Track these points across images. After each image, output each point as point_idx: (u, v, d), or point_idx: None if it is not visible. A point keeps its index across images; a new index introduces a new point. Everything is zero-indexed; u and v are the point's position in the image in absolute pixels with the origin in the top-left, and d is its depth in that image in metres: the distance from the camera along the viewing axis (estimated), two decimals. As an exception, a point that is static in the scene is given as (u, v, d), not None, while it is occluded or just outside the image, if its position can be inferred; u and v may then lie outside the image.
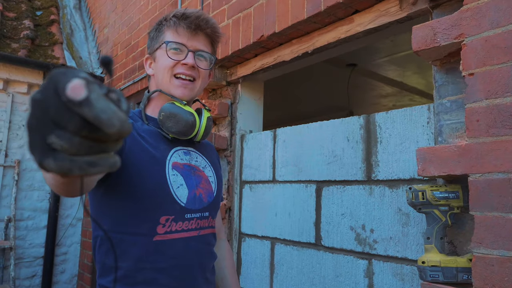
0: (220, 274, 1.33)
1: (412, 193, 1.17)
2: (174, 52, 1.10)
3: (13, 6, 4.69)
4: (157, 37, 1.15)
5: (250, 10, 2.12)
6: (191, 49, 1.10)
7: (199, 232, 1.10)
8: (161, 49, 1.12)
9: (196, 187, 1.11)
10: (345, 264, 1.57)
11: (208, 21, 1.12)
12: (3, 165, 3.89)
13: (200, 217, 1.10)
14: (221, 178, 1.28)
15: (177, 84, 1.09)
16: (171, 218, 1.03)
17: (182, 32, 1.10)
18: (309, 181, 1.79)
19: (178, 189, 1.06)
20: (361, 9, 1.63)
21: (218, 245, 1.36)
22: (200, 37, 1.13)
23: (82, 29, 5.10)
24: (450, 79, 1.26)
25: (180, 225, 1.05)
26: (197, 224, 1.09)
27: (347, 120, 1.66)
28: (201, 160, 1.19)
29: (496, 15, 1.07)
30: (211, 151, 1.30)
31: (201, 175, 1.16)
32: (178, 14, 1.11)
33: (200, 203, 1.11)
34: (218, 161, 1.33)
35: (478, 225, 1.04)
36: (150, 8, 3.40)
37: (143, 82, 3.31)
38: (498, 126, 1.03)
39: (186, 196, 1.07)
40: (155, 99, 1.16)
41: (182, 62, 1.09)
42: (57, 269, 4.14)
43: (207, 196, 1.14)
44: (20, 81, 3.98)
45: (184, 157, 1.13)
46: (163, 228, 1.02)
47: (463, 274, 1.09)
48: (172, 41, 1.09)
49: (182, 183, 1.08)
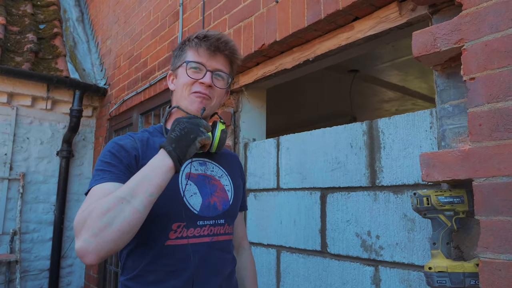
0: (240, 283, 1.36)
1: (416, 198, 1.16)
2: (194, 71, 1.18)
3: (17, 20, 4.74)
4: (180, 55, 1.23)
5: (251, 20, 2.14)
6: (209, 68, 1.18)
7: (212, 238, 1.14)
8: (182, 67, 1.20)
9: (210, 195, 1.17)
10: (352, 271, 1.57)
11: (227, 43, 1.20)
12: (8, 178, 3.91)
13: (213, 224, 1.15)
14: (241, 187, 1.33)
15: (193, 100, 1.17)
16: (183, 225, 1.09)
17: (202, 52, 1.18)
18: (314, 188, 1.79)
19: (191, 198, 1.12)
20: (361, 16, 1.64)
21: (241, 255, 1.41)
22: (219, 58, 1.20)
23: (85, 41, 5.15)
24: (451, 83, 1.26)
25: (192, 231, 1.10)
26: (210, 230, 1.14)
27: (350, 127, 1.66)
28: (217, 170, 1.25)
29: (496, 19, 1.07)
30: (231, 161, 1.36)
31: (216, 184, 1.21)
32: (200, 36, 1.19)
33: (215, 210, 1.17)
34: (239, 170, 1.39)
35: (484, 229, 1.03)
36: (152, 19, 3.43)
37: (146, 93, 3.33)
38: (500, 130, 1.03)
39: (199, 204, 1.13)
40: (175, 114, 1.24)
41: (200, 80, 1.17)
42: (63, 281, 4.14)
43: (222, 204, 1.19)
44: (24, 94, 4.02)
45: (199, 168, 1.20)
46: (175, 234, 1.08)
47: (470, 279, 1.08)
48: (192, 60, 1.18)
49: (196, 192, 1.14)
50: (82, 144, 4.46)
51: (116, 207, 0.87)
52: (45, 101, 4.17)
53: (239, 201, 1.29)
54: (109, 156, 1.05)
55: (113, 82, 4.15)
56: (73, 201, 4.30)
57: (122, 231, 0.87)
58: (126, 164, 1.05)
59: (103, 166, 1.03)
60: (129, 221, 0.88)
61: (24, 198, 3.97)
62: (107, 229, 0.86)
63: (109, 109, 4.13)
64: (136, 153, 1.09)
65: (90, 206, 0.90)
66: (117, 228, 0.87)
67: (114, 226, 0.86)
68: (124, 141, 1.10)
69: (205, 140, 1.03)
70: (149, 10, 3.51)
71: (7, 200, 3.89)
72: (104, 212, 0.87)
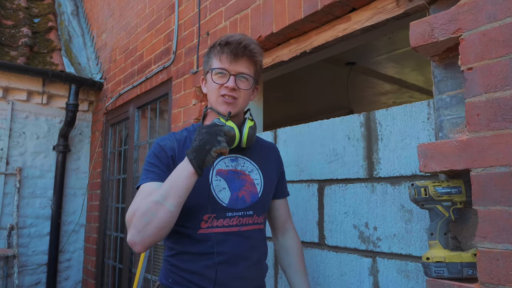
0: (287, 259, 1.49)
1: (414, 189, 1.16)
2: (219, 76, 1.30)
3: (11, 14, 4.70)
4: (207, 62, 1.36)
5: (247, 11, 2.12)
6: (232, 73, 1.29)
7: (240, 228, 1.29)
8: (209, 73, 1.33)
9: (239, 189, 1.32)
10: (350, 262, 1.57)
11: (246, 47, 1.29)
12: (5, 173, 3.89)
13: (242, 215, 1.30)
14: (274, 178, 1.45)
15: (221, 102, 1.30)
16: (213, 216, 1.26)
17: (224, 58, 1.29)
18: (311, 181, 1.79)
19: (220, 192, 1.29)
20: (358, 7, 1.63)
21: (286, 236, 1.52)
22: (240, 61, 1.30)
23: (80, 35, 5.11)
24: (449, 74, 1.26)
25: (221, 222, 1.26)
26: (238, 221, 1.29)
27: (347, 118, 1.66)
28: (248, 165, 1.38)
29: (493, 8, 1.07)
30: (267, 153, 1.47)
31: (246, 179, 1.35)
32: (222, 42, 1.29)
33: (243, 203, 1.31)
34: (276, 161, 1.50)
35: (482, 219, 1.04)
36: (148, 12, 3.40)
37: (142, 86, 3.31)
38: (498, 119, 1.03)
39: (228, 197, 1.29)
40: (209, 114, 1.39)
41: (225, 85, 1.28)
42: (61, 275, 4.14)
43: (250, 197, 1.33)
44: (19, 88, 3.99)
45: (230, 164, 1.34)
46: (206, 223, 1.25)
47: (468, 269, 1.08)
48: (216, 67, 1.30)
49: (225, 187, 1.30)
50: (79, 139, 4.44)
51: (153, 209, 1.10)
52: (40, 96, 4.14)
53: (269, 192, 1.41)
54: (153, 157, 1.27)
55: (109, 76, 4.12)
56: (70, 195, 4.29)
57: (159, 227, 1.10)
58: (166, 164, 1.25)
59: (148, 166, 1.26)
60: (164, 219, 1.10)
61: (21, 193, 3.96)
62: (148, 227, 1.10)
63: (105, 103, 4.10)
64: (173, 154, 1.28)
65: (136, 205, 1.15)
66: (155, 226, 1.10)
67: (152, 224, 1.10)
68: (164, 142, 1.31)
69: (221, 149, 1.14)
70: (145, 3, 3.48)
71: (4, 195, 3.88)
72: (144, 213, 1.11)
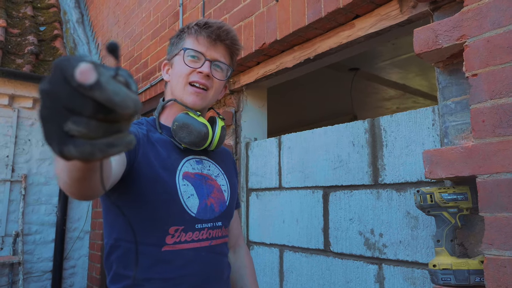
0: (240, 282, 1.29)
1: (420, 196, 1.16)
2: (192, 60, 1.10)
3: (17, 22, 4.75)
4: (177, 43, 1.15)
5: (251, 19, 2.14)
6: (208, 58, 1.11)
7: (211, 242, 1.08)
8: (179, 55, 1.12)
9: (207, 196, 1.10)
10: (355, 269, 1.56)
11: (228, 32, 1.13)
12: (10, 180, 3.91)
13: (212, 227, 1.09)
14: (236, 185, 1.27)
15: (189, 92, 1.09)
16: (181, 228, 1.02)
17: (202, 41, 1.11)
18: (316, 187, 1.78)
19: (189, 199, 1.05)
20: (362, 14, 1.63)
21: (238, 253, 1.34)
22: (219, 48, 1.13)
23: (85, 42, 5.15)
24: (453, 80, 1.26)
25: (190, 236, 1.03)
26: (208, 234, 1.08)
27: (352, 125, 1.66)
28: (214, 169, 1.18)
29: (497, 15, 1.07)
30: (226, 158, 1.29)
31: (213, 184, 1.14)
32: (200, 23, 1.12)
33: (212, 213, 1.10)
34: (234, 167, 1.32)
35: (488, 226, 1.03)
36: (152, 20, 3.43)
37: (147, 93, 3.33)
38: (504, 126, 1.03)
39: (196, 206, 1.06)
40: (169, 108, 1.16)
41: (198, 70, 1.09)
42: (66, 282, 4.14)
43: (218, 205, 1.13)
44: (25, 96, 4.02)
45: (196, 166, 1.13)
46: (172, 238, 1.01)
47: (475, 276, 1.08)
48: (191, 48, 1.10)
49: (193, 193, 1.07)
50: (84, 146, 4.46)
51: None
52: (46, 103, 4.17)
53: (234, 201, 1.23)
54: None
55: (114, 83, 4.14)
56: (74, 202, 4.29)
57: None
58: None
59: None
60: None
61: (26, 200, 3.98)
62: None
63: (110, 110, 4.12)
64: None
65: None
66: None
67: None
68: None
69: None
70: (149, 10, 3.51)
71: (9, 202, 3.89)
72: None
